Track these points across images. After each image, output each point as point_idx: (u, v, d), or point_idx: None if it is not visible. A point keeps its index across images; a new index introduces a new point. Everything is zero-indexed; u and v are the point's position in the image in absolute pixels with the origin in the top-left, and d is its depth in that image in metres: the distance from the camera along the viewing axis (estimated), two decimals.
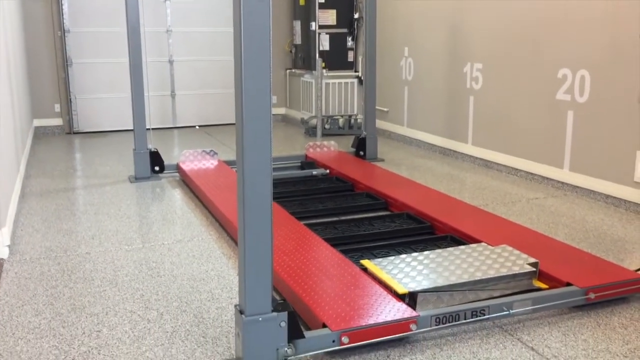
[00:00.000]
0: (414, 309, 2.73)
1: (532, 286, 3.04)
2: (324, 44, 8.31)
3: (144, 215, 4.59)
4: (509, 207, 4.69)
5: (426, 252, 3.24)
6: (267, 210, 2.27)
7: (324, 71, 7.98)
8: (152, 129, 8.33)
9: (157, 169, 5.73)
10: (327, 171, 5.70)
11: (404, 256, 3.20)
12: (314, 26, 8.28)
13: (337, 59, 8.37)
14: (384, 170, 5.62)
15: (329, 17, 8.27)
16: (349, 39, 8.41)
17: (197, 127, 9.00)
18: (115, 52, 8.37)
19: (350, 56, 8.47)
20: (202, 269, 3.50)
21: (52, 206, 4.82)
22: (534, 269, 3.06)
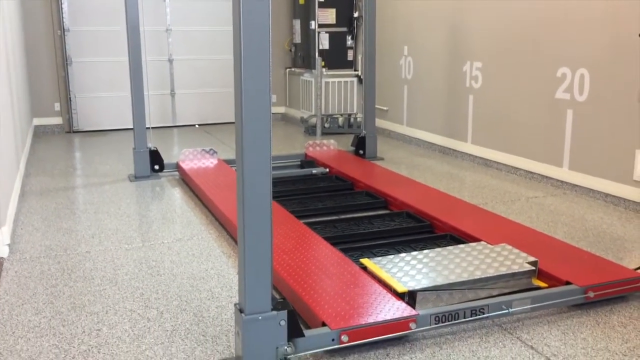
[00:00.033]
0: (414, 307, 2.74)
1: (532, 285, 3.05)
2: (324, 42, 8.31)
3: (144, 214, 4.59)
4: (509, 206, 4.70)
5: (426, 251, 3.25)
6: (266, 209, 2.27)
7: (324, 70, 7.99)
8: (152, 127, 8.35)
9: (156, 167, 5.73)
10: (327, 170, 5.71)
11: (403, 255, 3.20)
12: (313, 25, 8.28)
13: (336, 58, 8.37)
14: (384, 169, 5.63)
15: (329, 16, 8.27)
16: (349, 37, 8.41)
17: (196, 125, 9.00)
18: (115, 51, 8.37)
19: (349, 55, 8.47)
20: (202, 268, 3.51)
21: (52, 205, 4.83)
22: (534, 268, 3.07)
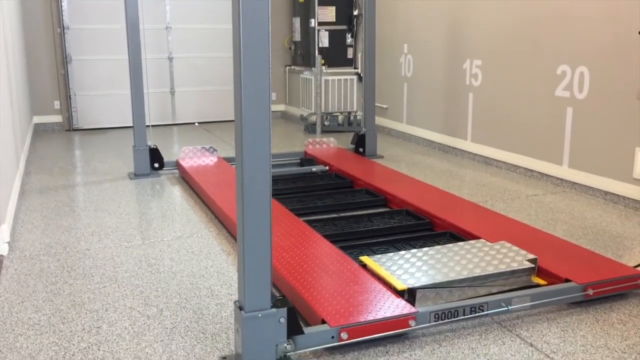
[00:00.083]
0: (413, 305, 2.74)
1: (531, 282, 3.05)
2: (324, 40, 8.30)
3: (144, 212, 4.59)
4: (508, 204, 4.70)
5: (425, 249, 3.25)
6: (266, 206, 2.27)
7: (324, 68, 7.98)
8: (152, 125, 8.36)
9: (156, 165, 5.73)
10: (327, 168, 5.71)
11: (403, 252, 3.20)
12: (313, 23, 8.28)
13: (336, 56, 8.37)
14: (384, 166, 5.63)
15: (329, 13, 8.27)
16: (349, 35, 8.40)
17: (196, 124, 9.00)
18: (114, 49, 8.37)
19: (349, 53, 8.47)
20: (202, 266, 3.51)
21: (52, 203, 4.83)
22: (533, 265, 3.07)
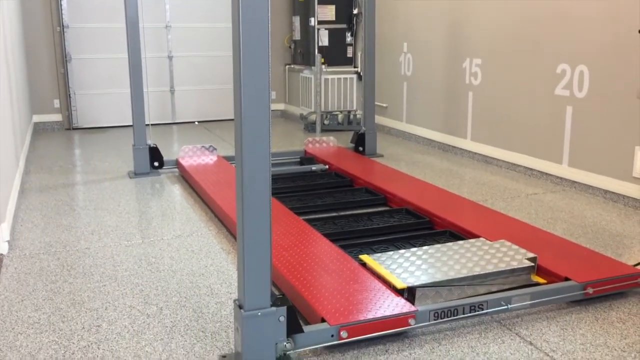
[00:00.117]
0: (413, 303, 2.74)
1: (531, 281, 3.05)
2: (323, 39, 8.30)
3: (144, 210, 4.59)
4: (508, 203, 4.70)
5: (425, 247, 3.25)
6: (266, 205, 2.27)
7: (323, 67, 7.98)
8: (152, 124, 8.35)
9: (156, 164, 5.74)
10: (326, 167, 5.71)
11: (402, 251, 3.21)
12: (313, 22, 8.28)
13: (336, 55, 8.37)
14: (383, 165, 5.63)
15: (328, 12, 8.27)
16: (348, 34, 8.40)
17: (196, 122, 9.00)
18: (114, 48, 8.37)
19: (349, 52, 8.46)
20: (202, 264, 3.51)
21: (52, 202, 4.83)
22: (533, 264, 3.07)
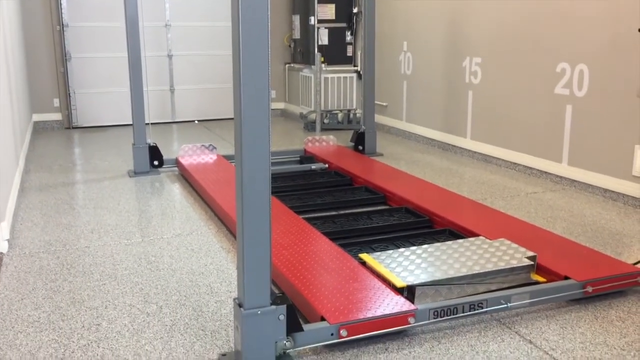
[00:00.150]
0: (412, 302, 2.74)
1: (530, 280, 3.05)
2: (323, 38, 8.30)
3: (143, 209, 4.59)
4: (508, 201, 4.70)
5: (424, 246, 3.25)
6: (265, 204, 2.27)
7: (323, 66, 7.98)
8: (151, 123, 8.35)
9: (156, 163, 5.74)
10: (326, 165, 5.71)
11: (402, 250, 3.21)
12: (313, 20, 8.27)
13: (336, 54, 8.36)
14: (383, 164, 5.63)
15: (328, 11, 8.27)
16: (348, 33, 8.40)
17: (196, 121, 9.00)
18: (114, 47, 8.36)
19: (349, 51, 8.46)
20: (201, 263, 3.51)
21: (52, 200, 4.83)
22: (532, 263, 3.07)
